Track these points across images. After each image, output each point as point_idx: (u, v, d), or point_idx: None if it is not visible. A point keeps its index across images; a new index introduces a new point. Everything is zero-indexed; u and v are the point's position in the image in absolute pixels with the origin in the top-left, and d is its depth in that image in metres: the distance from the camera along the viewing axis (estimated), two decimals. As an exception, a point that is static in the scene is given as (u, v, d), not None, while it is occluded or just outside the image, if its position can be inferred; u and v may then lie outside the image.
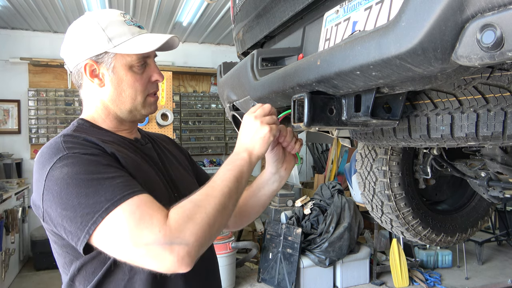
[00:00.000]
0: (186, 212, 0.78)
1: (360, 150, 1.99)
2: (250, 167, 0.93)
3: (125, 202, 0.78)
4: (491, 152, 1.50)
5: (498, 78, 0.88)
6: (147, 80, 1.02)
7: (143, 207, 0.78)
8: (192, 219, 0.78)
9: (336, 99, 0.93)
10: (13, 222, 4.21)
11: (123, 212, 0.77)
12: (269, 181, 1.14)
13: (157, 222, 0.76)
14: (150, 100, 1.05)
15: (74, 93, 5.47)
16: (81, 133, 0.94)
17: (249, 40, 1.57)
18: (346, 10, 1.03)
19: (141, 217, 0.76)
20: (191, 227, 0.77)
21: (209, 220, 0.79)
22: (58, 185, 0.81)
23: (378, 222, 2.06)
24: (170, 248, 0.74)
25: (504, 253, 5.35)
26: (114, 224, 0.76)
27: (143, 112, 1.04)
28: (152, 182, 0.96)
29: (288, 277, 3.96)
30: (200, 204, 0.81)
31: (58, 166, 0.82)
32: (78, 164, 0.82)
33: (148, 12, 4.71)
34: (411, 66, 0.63)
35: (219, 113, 6.22)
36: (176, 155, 1.19)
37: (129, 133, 1.08)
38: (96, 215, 0.77)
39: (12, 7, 4.42)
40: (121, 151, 0.94)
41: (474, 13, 0.53)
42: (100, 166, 0.83)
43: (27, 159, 5.34)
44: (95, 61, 0.98)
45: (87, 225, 0.77)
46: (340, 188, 4.47)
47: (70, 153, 0.84)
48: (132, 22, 1.01)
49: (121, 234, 0.76)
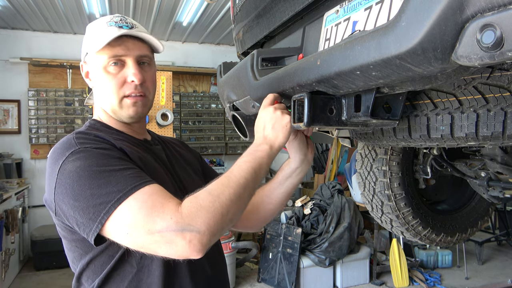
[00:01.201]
0: (199, 200, 0.80)
1: (360, 150, 1.99)
2: (271, 159, 0.94)
3: (137, 192, 0.80)
4: (491, 152, 1.50)
5: (498, 78, 0.88)
6: (122, 81, 1.00)
7: (155, 196, 0.80)
8: (205, 208, 0.79)
9: (336, 99, 0.93)
10: (13, 222, 4.21)
11: (135, 202, 0.78)
12: (296, 171, 1.14)
13: (168, 210, 0.77)
14: (127, 102, 1.01)
15: (74, 93, 5.47)
16: (93, 131, 0.98)
17: (249, 40, 1.57)
18: (346, 10, 1.03)
19: (153, 206, 0.78)
20: (203, 215, 0.78)
21: (222, 209, 0.80)
22: (70, 178, 0.83)
23: (378, 222, 2.06)
24: (182, 235, 0.75)
25: (504, 253, 5.35)
26: (127, 213, 0.78)
27: (123, 114, 1.02)
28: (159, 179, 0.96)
29: (288, 277, 3.96)
30: (214, 193, 0.81)
31: (70, 160, 0.85)
32: (90, 157, 0.85)
33: (148, 12, 4.72)
34: (411, 66, 0.63)
35: (219, 113, 6.22)
36: (186, 157, 1.20)
37: (138, 134, 1.09)
38: (108, 205, 0.79)
39: (12, 7, 4.42)
40: (130, 147, 0.96)
41: (474, 13, 0.53)
42: (111, 159, 0.86)
43: (27, 159, 5.34)
44: (86, 62, 1.05)
45: (99, 215, 0.79)
46: (340, 188, 4.47)
47: (82, 147, 0.87)
48: (115, 23, 1.00)
49: (133, 222, 0.77)
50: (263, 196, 1.18)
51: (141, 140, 1.07)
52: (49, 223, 4.87)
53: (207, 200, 0.80)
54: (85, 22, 5.00)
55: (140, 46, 1.03)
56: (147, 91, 1.04)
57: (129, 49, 0.99)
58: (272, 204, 1.18)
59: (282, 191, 1.16)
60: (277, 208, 1.20)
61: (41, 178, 5.37)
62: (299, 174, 1.15)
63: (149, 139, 1.12)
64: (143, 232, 0.77)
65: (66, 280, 4.31)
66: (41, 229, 4.81)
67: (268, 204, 1.18)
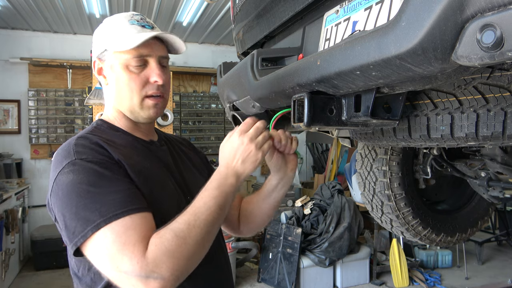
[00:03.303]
0: (165, 244, 0.79)
1: (360, 150, 1.99)
2: (236, 191, 0.94)
3: (116, 222, 0.80)
4: (491, 152, 1.50)
5: (498, 78, 0.88)
6: (145, 80, 0.99)
7: (131, 232, 0.79)
8: (171, 252, 0.79)
9: (336, 99, 0.93)
10: (13, 222, 4.21)
11: (111, 233, 0.79)
12: (278, 186, 1.14)
13: (137, 252, 0.77)
14: (149, 103, 1.00)
15: (74, 93, 5.47)
16: (97, 135, 0.96)
17: (249, 40, 1.57)
18: (346, 10, 1.03)
19: (126, 243, 0.78)
20: (168, 261, 0.78)
21: (189, 253, 0.80)
22: (62, 190, 0.85)
23: (378, 222, 2.06)
24: (145, 282, 0.76)
25: (504, 253, 5.35)
26: (101, 243, 0.79)
27: (142, 115, 1.02)
28: (161, 185, 0.97)
29: (288, 277, 3.96)
30: (181, 235, 0.81)
31: (65, 172, 0.86)
32: (82, 172, 0.85)
33: (148, 12, 4.71)
34: (411, 66, 0.63)
35: (219, 113, 6.22)
36: (192, 158, 1.19)
37: (145, 135, 1.08)
38: (87, 229, 0.80)
39: (12, 7, 4.42)
40: (131, 157, 0.94)
41: (474, 13, 0.53)
42: (102, 178, 0.85)
43: (27, 159, 5.34)
44: (100, 59, 1.02)
45: (77, 236, 0.81)
46: (340, 188, 4.47)
47: (78, 159, 0.87)
48: (137, 22, 1.01)
49: (105, 254, 0.79)
50: (253, 209, 1.20)
51: (147, 142, 1.06)
52: (49, 223, 4.87)
53: (174, 243, 0.79)
54: (85, 22, 5.01)
55: (162, 47, 1.03)
56: (166, 93, 1.04)
57: (153, 50, 0.99)
58: (259, 217, 1.20)
59: (267, 205, 1.18)
60: (265, 220, 1.21)
61: (41, 178, 5.37)
62: (281, 190, 1.15)
63: (156, 139, 1.11)
64: (112, 267, 0.78)
65: (66, 280, 4.31)
66: (41, 229, 4.81)
67: (255, 217, 1.20)
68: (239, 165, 0.93)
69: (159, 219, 0.87)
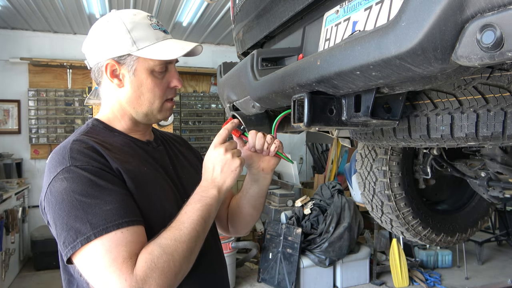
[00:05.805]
0: (153, 260, 0.80)
1: (360, 150, 1.99)
2: (219, 203, 0.96)
3: (106, 236, 0.80)
4: (491, 152, 1.50)
5: (498, 78, 0.88)
6: (166, 86, 1.03)
7: (121, 248, 0.80)
8: (159, 268, 0.80)
9: (336, 99, 0.93)
10: (13, 222, 4.21)
11: (101, 247, 0.79)
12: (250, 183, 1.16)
13: (125, 270, 0.78)
14: (167, 106, 1.05)
15: (74, 93, 5.47)
16: (93, 136, 0.95)
17: (249, 40, 1.57)
18: (346, 10, 1.03)
19: (115, 259, 0.79)
20: (156, 277, 0.79)
21: (176, 268, 0.82)
22: (55, 197, 0.85)
23: (378, 222, 2.07)
24: None
25: (504, 253, 5.35)
26: (90, 258, 0.80)
27: (158, 117, 1.05)
28: (158, 187, 0.97)
29: (288, 277, 3.96)
30: (168, 251, 0.82)
31: (59, 178, 0.85)
32: (76, 180, 0.84)
33: (148, 12, 4.71)
34: (411, 66, 0.63)
35: (219, 113, 6.22)
36: (187, 156, 1.20)
37: (142, 135, 1.08)
38: (76, 241, 0.80)
39: (12, 7, 4.42)
40: (127, 161, 0.94)
41: (474, 13, 0.53)
42: (96, 188, 0.84)
43: (27, 159, 5.34)
44: (117, 61, 0.98)
45: (67, 247, 0.81)
46: (340, 188, 4.47)
47: (72, 166, 0.86)
48: (158, 26, 1.02)
49: (93, 269, 0.79)
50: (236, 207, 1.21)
51: (144, 143, 1.06)
52: (49, 223, 4.87)
53: (162, 259, 0.81)
54: (85, 22, 5.01)
55: None
56: None
57: None
58: (241, 217, 1.21)
59: (246, 203, 1.18)
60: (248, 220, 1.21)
61: (41, 178, 5.34)
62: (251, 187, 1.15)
63: (152, 139, 1.11)
64: (100, 283, 0.79)
65: (66, 280, 4.31)
66: (41, 229, 4.81)
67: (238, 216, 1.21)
68: (218, 175, 0.96)
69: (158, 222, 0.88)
